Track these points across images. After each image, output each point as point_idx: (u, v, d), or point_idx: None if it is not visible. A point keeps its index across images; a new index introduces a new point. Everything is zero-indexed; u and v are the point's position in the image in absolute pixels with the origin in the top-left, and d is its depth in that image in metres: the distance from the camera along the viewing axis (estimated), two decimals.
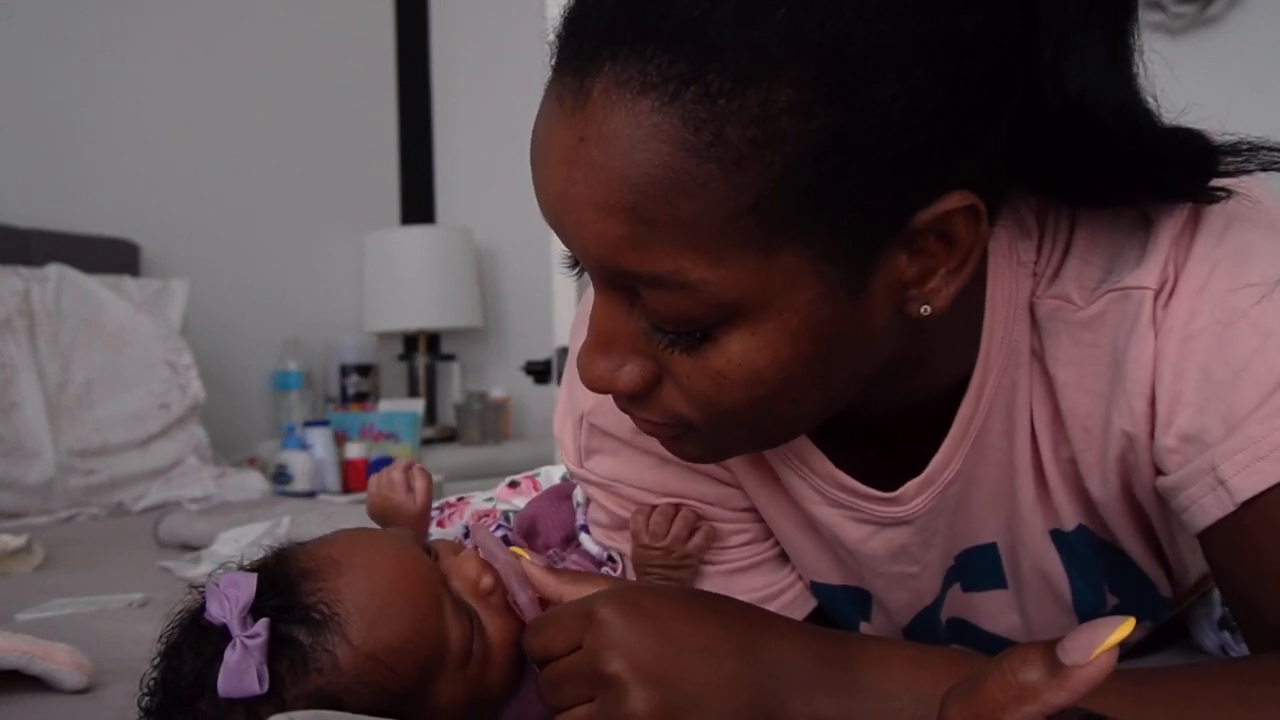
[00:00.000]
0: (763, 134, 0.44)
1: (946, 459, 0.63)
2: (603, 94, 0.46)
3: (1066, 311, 0.58)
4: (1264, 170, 0.52)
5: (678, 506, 0.72)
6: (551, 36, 0.50)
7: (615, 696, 0.51)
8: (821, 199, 0.46)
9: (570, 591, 0.59)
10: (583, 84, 0.47)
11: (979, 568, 0.69)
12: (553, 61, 0.50)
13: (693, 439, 0.56)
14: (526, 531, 0.84)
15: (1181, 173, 0.52)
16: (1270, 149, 0.52)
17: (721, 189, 0.45)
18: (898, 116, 0.45)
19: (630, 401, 0.55)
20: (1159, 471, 0.57)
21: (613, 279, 0.51)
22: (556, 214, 0.50)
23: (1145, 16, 0.52)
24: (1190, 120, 0.53)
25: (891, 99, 0.45)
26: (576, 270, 0.55)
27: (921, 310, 0.51)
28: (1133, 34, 0.50)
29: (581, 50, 0.47)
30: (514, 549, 0.63)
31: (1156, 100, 0.52)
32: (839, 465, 0.66)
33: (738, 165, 0.45)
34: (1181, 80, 0.55)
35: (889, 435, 0.64)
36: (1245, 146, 0.52)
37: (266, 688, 0.54)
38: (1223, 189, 0.52)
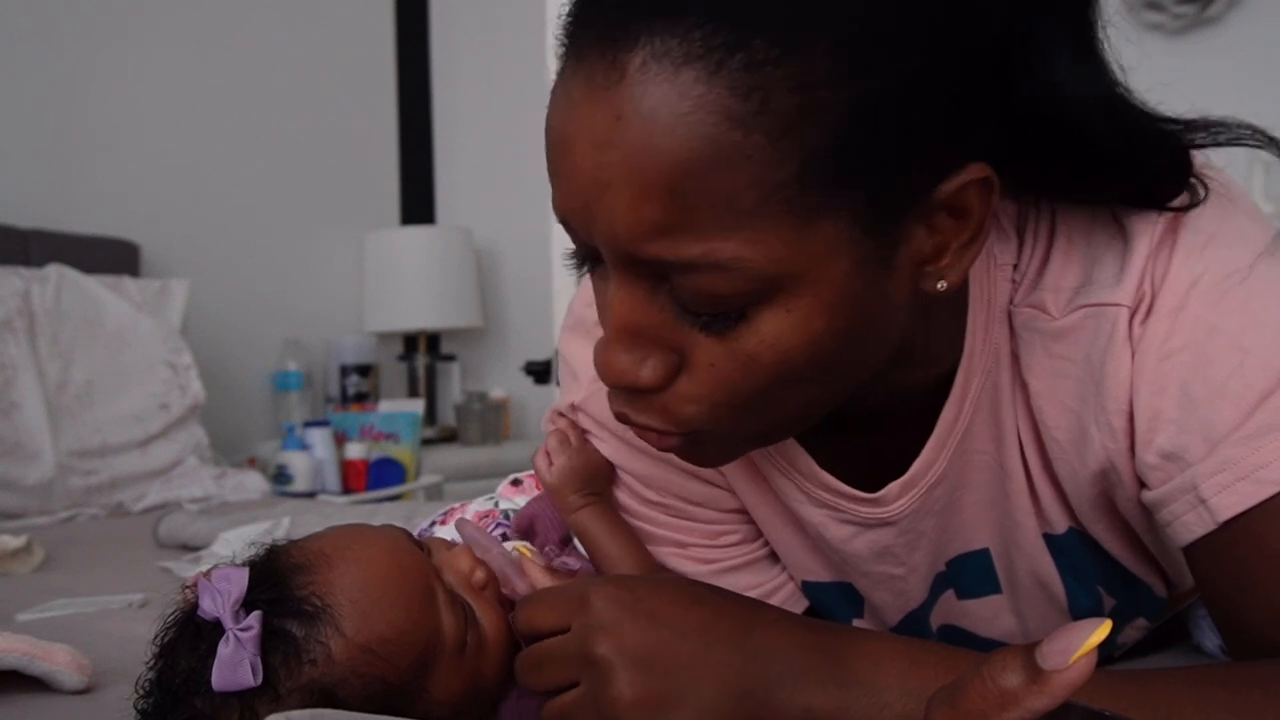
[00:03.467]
0: (806, 102, 0.44)
1: (929, 460, 0.63)
2: (640, 69, 0.44)
3: (1041, 321, 0.58)
4: (1230, 145, 0.53)
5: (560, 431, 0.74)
6: (562, 17, 0.49)
7: (602, 679, 0.51)
8: (858, 167, 0.46)
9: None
10: (616, 60, 0.45)
11: (973, 574, 0.69)
12: (565, 43, 0.48)
13: (698, 441, 0.54)
14: (525, 531, 0.84)
15: (1160, 161, 0.53)
16: (1234, 125, 0.52)
17: (768, 159, 0.44)
18: (927, 87, 0.46)
19: (636, 402, 0.53)
20: (1143, 485, 0.57)
21: (632, 268, 0.49)
22: (587, 202, 0.48)
23: (1145, 16, 0.52)
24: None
25: (921, 70, 0.45)
26: (583, 268, 0.54)
27: (938, 285, 0.51)
28: (1096, 23, 0.50)
29: (609, 26, 0.46)
30: (519, 546, 0.63)
31: (1127, 86, 0.52)
32: (826, 466, 0.66)
33: (784, 133, 0.44)
34: (1182, 80, 0.55)
35: (876, 435, 0.64)
36: (1210, 122, 0.52)
37: (260, 680, 0.54)
38: (1199, 188, 0.53)
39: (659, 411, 0.52)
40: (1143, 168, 0.53)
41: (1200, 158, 0.55)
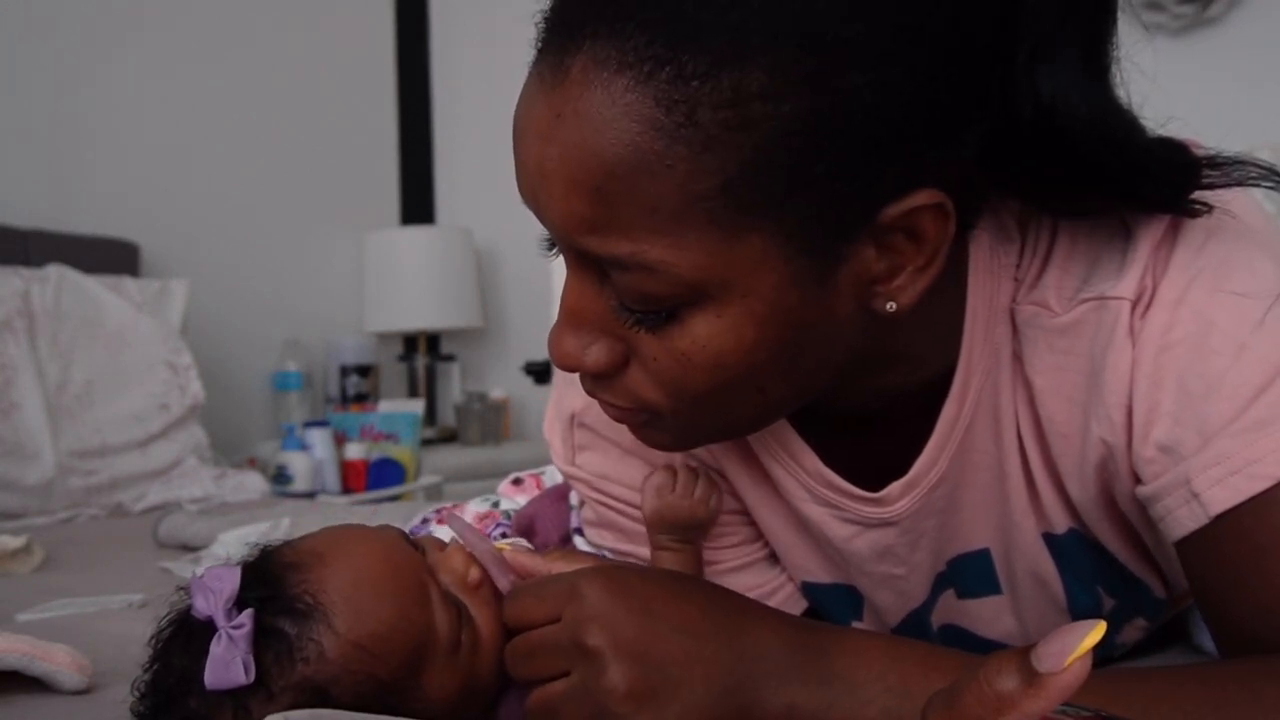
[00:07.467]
0: (734, 117, 0.45)
1: (931, 461, 0.63)
2: (581, 71, 0.47)
3: (1044, 318, 0.58)
4: (1238, 185, 0.52)
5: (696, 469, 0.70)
6: (538, 18, 0.51)
7: (595, 670, 0.51)
8: (789, 185, 0.46)
9: (556, 569, 0.60)
10: (563, 61, 0.48)
11: (973, 574, 0.69)
12: (537, 42, 0.50)
13: (660, 426, 0.57)
14: (525, 530, 0.84)
15: (1161, 186, 0.52)
16: (1249, 164, 0.52)
17: (689, 170, 0.46)
18: (868, 108, 0.46)
19: (596, 383, 0.56)
20: (1138, 480, 0.57)
21: (582, 258, 0.52)
22: (533, 190, 0.51)
23: (1145, 16, 0.52)
24: (1176, 127, 0.53)
25: (862, 90, 0.45)
26: (554, 252, 0.56)
27: (887, 307, 0.52)
28: (1111, 45, 0.51)
29: (564, 29, 0.48)
30: (498, 545, 0.63)
31: (1131, 107, 0.51)
32: (829, 464, 0.66)
33: (707, 147, 0.45)
34: (1182, 80, 0.55)
35: (876, 434, 0.64)
36: (1223, 160, 0.52)
37: (253, 678, 0.54)
38: (1203, 203, 0.53)
39: (621, 392, 0.55)
40: (1148, 183, 0.52)
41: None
